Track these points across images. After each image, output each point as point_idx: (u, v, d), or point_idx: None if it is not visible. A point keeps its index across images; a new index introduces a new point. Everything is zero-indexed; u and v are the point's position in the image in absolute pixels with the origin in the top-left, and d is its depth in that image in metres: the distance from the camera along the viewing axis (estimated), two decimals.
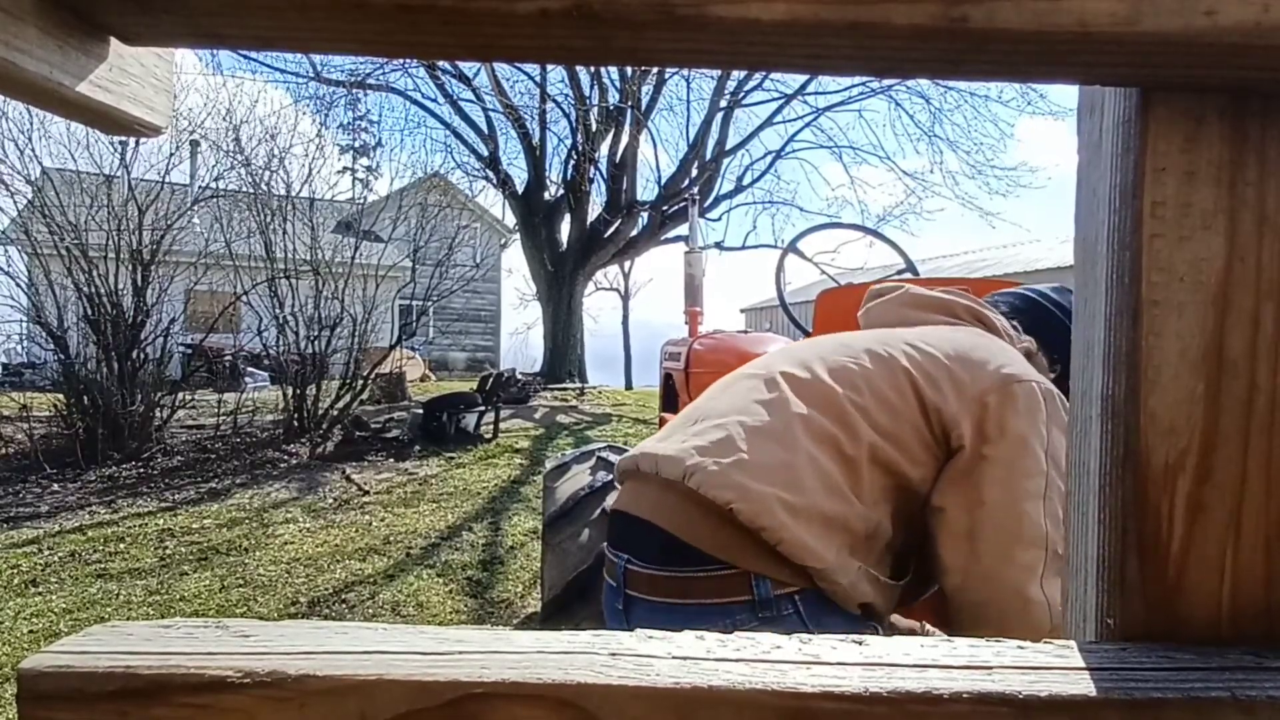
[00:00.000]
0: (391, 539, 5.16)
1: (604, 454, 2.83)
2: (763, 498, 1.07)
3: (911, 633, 1.28)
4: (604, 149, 14.91)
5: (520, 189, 15.13)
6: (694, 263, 4.21)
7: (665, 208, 14.91)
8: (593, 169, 14.72)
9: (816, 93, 14.87)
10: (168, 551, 4.89)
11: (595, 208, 15.15)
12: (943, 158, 19.18)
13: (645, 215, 15.20)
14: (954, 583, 1.16)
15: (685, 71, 13.48)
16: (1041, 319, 1.51)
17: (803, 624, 1.07)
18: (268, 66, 15.75)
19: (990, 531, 1.12)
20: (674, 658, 0.44)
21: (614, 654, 0.44)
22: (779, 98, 15.07)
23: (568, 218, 15.24)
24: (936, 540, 1.17)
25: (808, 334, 2.72)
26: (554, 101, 14.60)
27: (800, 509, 1.07)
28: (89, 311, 7.15)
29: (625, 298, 18.00)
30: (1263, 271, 0.45)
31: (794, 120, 15.58)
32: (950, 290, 1.49)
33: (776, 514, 1.06)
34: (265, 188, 8.45)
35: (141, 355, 7.35)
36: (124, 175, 7.75)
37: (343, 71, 13.07)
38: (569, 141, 14.82)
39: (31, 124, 7.23)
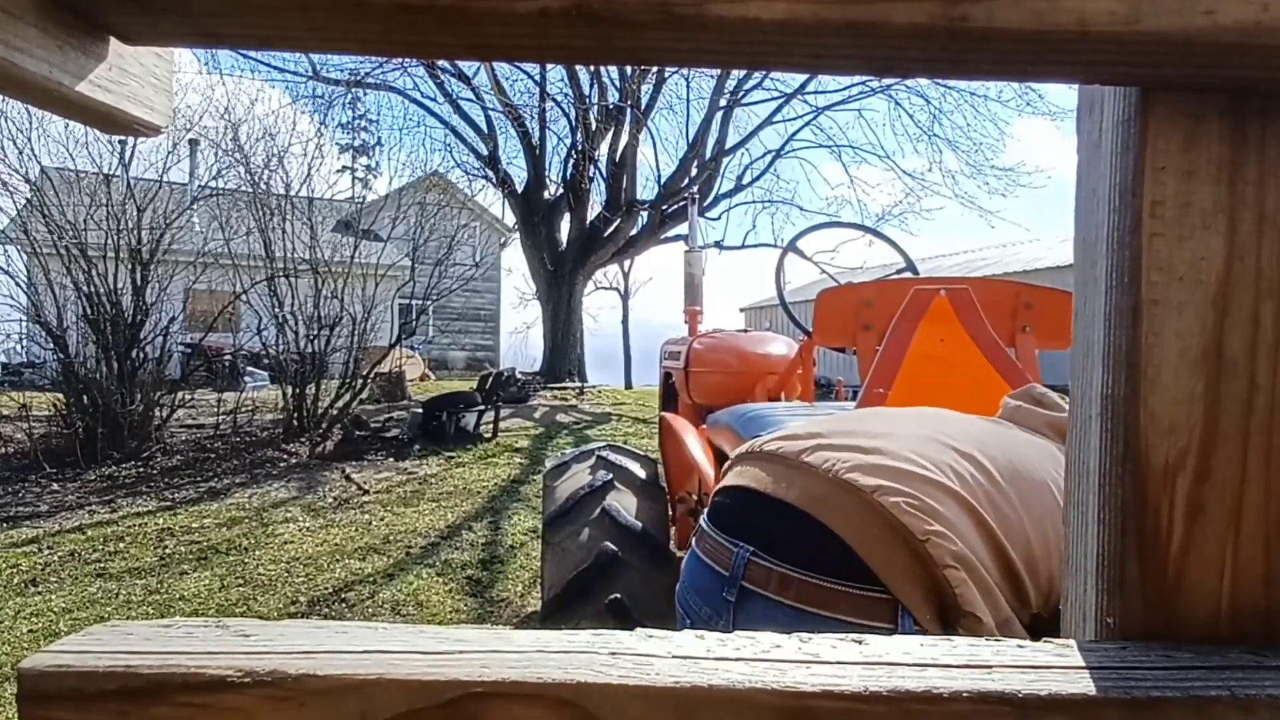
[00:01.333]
0: (391, 538, 5.15)
1: (604, 454, 2.82)
2: (954, 543, 1.07)
3: None
4: (604, 148, 14.90)
5: (520, 188, 15.12)
6: (694, 262, 4.19)
7: (665, 207, 14.89)
8: (592, 168, 14.70)
9: (816, 92, 14.88)
10: (167, 551, 4.89)
11: (595, 207, 15.15)
12: (942, 157, 19.20)
13: (645, 214, 15.19)
14: None
15: (685, 71, 13.48)
16: None
17: None
18: (267, 66, 15.73)
19: None
20: (674, 657, 0.44)
21: (614, 653, 0.44)
22: (779, 97, 15.09)
23: (567, 217, 15.22)
24: None
25: (808, 334, 2.70)
26: (554, 101, 14.60)
27: (979, 575, 1.08)
28: (88, 311, 7.15)
29: (625, 297, 17.96)
30: (1262, 271, 0.45)
31: (794, 119, 15.60)
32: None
33: (965, 564, 1.06)
34: (264, 187, 8.45)
35: (141, 354, 7.35)
36: (123, 174, 7.74)
37: (342, 70, 13.06)
38: (569, 140, 14.82)
39: (30, 123, 7.24)
